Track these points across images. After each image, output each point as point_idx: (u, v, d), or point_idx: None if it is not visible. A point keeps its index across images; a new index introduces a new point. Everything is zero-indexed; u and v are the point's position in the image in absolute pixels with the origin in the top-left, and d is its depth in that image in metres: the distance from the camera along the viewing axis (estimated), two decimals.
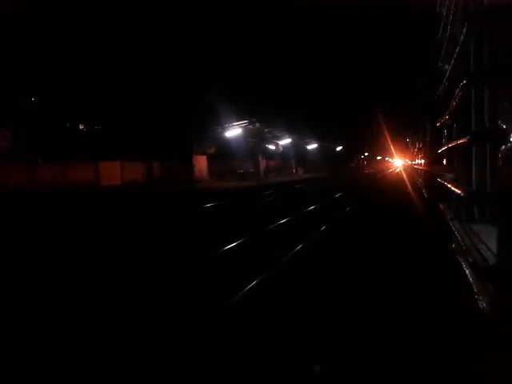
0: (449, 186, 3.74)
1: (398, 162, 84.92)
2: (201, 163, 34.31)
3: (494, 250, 2.90)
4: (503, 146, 1.85)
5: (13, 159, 22.42)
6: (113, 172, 28.80)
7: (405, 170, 41.90)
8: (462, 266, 3.27)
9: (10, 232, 10.74)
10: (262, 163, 41.48)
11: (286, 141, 45.70)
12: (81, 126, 30.63)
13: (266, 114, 35.57)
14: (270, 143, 43.86)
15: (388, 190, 23.38)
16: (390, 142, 70.58)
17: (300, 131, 46.73)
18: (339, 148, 72.52)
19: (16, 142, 23.72)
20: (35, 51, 22.69)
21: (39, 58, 22.97)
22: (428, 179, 11.83)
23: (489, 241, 3.10)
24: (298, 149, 51.96)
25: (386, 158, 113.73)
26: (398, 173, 46.37)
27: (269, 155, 45.16)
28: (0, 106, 22.04)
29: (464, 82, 2.93)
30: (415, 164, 20.44)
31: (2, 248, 8.46)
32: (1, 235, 10.07)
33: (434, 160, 9.58)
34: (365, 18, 38.76)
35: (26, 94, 24.79)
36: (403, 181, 27.89)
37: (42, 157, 24.44)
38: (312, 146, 56.47)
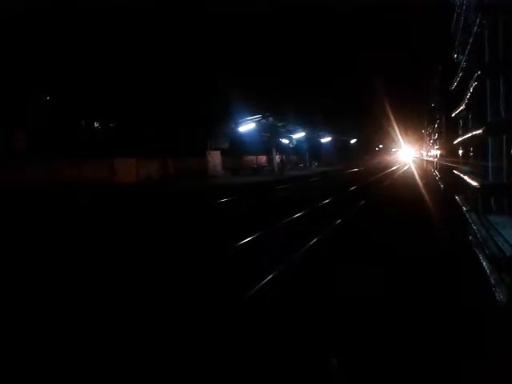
0: (465, 177, 3.73)
1: (404, 155, 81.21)
2: (215, 159, 34.35)
3: (511, 242, 2.89)
4: None
5: (28, 158, 22.66)
6: (128, 169, 28.98)
7: (415, 163, 40.77)
8: (478, 257, 3.26)
9: (30, 230, 10.97)
10: (276, 157, 41.40)
11: (299, 134, 45.47)
12: (96, 124, 30.90)
13: (279, 107, 35.46)
14: (283, 137, 43.74)
15: (400, 183, 23.21)
16: (398, 134, 69.86)
17: (313, 124, 46.46)
18: (353, 141, 71.90)
19: (31, 141, 23.98)
20: (49, 50, 22.94)
21: (53, 56, 23.22)
22: (443, 170, 11.70)
23: (506, 232, 3.09)
24: (311, 142, 51.66)
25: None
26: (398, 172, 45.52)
27: (282, 149, 45.02)
28: (14, 105, 22.34)
29: (479, 72, 2.91)
30: (431, 156, 20.21)
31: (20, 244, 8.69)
32: (20, 233, 10.32)
33: (449, 151, 9.49)
34: (380, 10, 38.26)
35: (40, 93, 25.09)
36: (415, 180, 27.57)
37: (58, 155, 24.66)
38: (326, 140, 56.10)
